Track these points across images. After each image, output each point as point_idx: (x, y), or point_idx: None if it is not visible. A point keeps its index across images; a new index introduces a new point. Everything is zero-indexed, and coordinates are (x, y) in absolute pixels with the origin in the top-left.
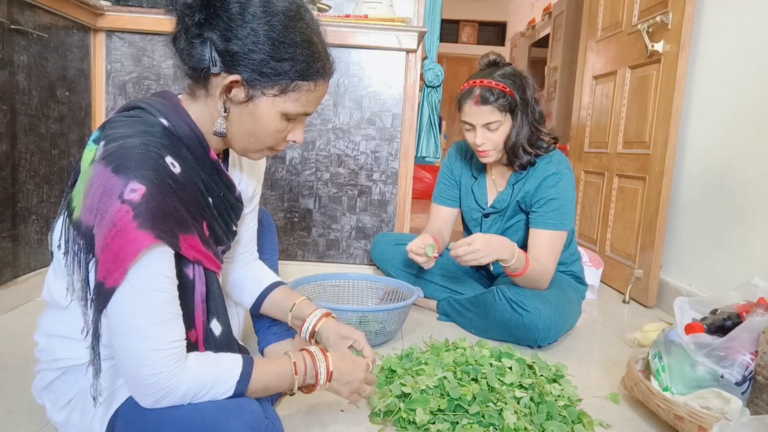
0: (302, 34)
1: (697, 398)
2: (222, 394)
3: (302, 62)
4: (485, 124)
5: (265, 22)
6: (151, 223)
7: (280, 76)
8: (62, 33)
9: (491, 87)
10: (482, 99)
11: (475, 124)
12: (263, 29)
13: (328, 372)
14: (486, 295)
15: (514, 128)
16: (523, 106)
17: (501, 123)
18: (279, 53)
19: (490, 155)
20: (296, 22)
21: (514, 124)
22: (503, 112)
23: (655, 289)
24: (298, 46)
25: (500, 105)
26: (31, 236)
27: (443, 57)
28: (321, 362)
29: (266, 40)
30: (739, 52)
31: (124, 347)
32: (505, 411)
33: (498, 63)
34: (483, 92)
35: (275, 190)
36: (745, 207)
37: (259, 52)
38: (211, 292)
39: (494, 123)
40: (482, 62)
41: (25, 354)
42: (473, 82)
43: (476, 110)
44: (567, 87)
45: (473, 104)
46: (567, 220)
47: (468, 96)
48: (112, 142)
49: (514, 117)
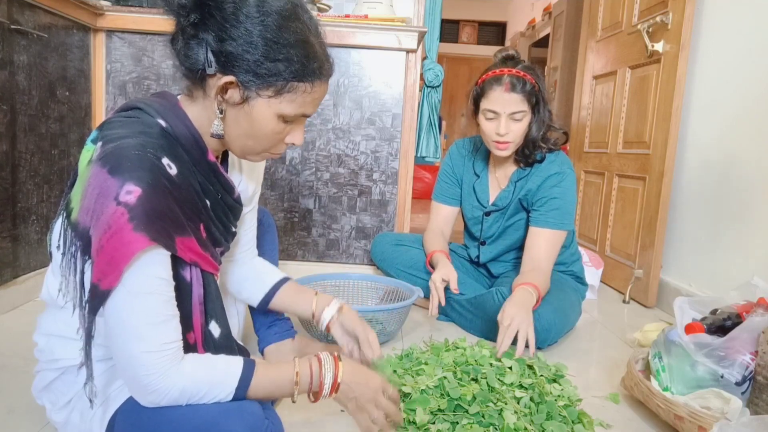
0: (298, 34)
1: (697, 398)
2: (221, 398)
3: (297, 63)
4: (512, 113)
5: (259, 22)
6: (147, 226)
7: (274, 77)
8: (62, 33)
9: (520, 76)
10: (512, 86)
11: (502, 112)
12: (257, 29)
13: (334, 383)
14: (486, 295)
15: (535, 122)
16: (543, 100)
17: (525, 114)
18: (273, 54)
19: (509, 147)
20: (292, 21)
21: (534, 118)
22: (529, 104)
23: (655, 289)
24: (293, 47)
25: (527, 95)
26: (31, 236)
27: (443, 57)
28: (329, 372)
29: (260, 40)
30: (739, 52)
31: (119, 348)
32: (505, 411)
33: (515, 58)
34: (513, 80)
35: (275, 190)
36: (745, 207)
37: (253, 53)
38: (208, 294)
39: (519, 113)
40: (499, 56)
41: (25, 354)
42: (500, 71)
43: (507, 97)
44: (567, 87)
45: (503, 91)
46: (567, 220)
47: (496, 82)
48: (108, 143)
49: (536, 110)
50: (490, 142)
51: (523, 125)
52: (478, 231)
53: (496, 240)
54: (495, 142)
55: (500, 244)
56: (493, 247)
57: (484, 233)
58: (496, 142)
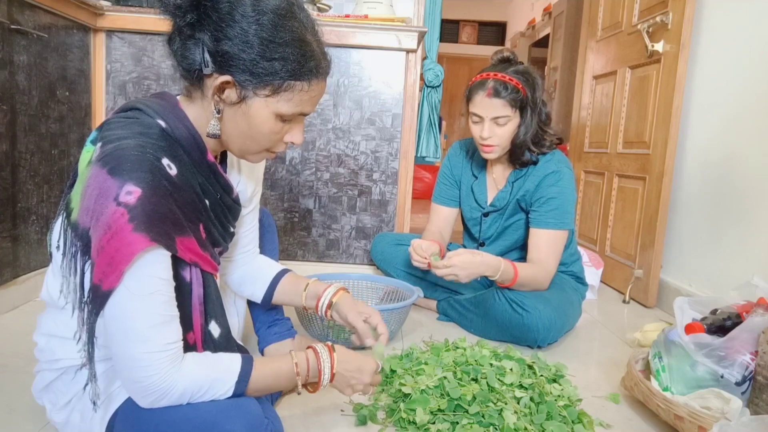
0: (294, 33)
1: (697, 398)
2: (221, 394)
3: (294, 62)
4: (494, 117)
5: (254, 21)
6: (147, 226)
7: (271, 76)
8: (62, 33)
9: (505, 81)
10: (495, 92)
11: (484, 116)
12: (253, 28)
13: (331, 373)
14: (486, 295)
15: (522, 126)
16: (532, 105)
17: (509, 119)
18: (269, 53)
19: (495, 151)
20: (288, 20)
21: (522, 122)
22: (513, 108)
23: (655, 289)
24: (289, 45)
25: (511, 100)
26: (31, 236)
27: (443, 57)
28: (326, 362)
29: (256, 39)
30: (739, 52)
31: (119, 349)
32: (505, 411)
33: (511, 60)
34: (496, 85)
35: (275, 190)
36: (745, 207)
37: (249, 52)
38: (208, 294)
39: (503, 118)
40: (495, 58)
41: (25, 354)
42: (487, 75)
43: (488, 102)
44: (567, 87)
45: (485, 96)
46: (567, 220)
47: (480, 87)
48: (108, 144)
49: (523, 115)
50: (478, 145)
51: (508, 129)
52: (477, 232)
53: (495, 240)
54: (481, 144)
55: (499, 244)
56: (492, 248)
57: (483, 234)
58: (482, 145)
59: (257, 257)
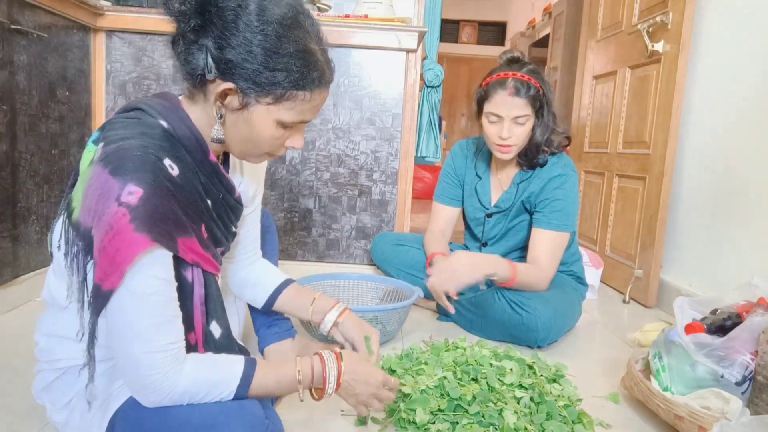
0: (298, 44)
1: (697, 398)
2: (223, 397)
3: (297, 72)
4: (515, 117)
5: (259, 32)
6: (148, 226)
7: (274, 86)
8: (62, 33)
9: (524, 80)
10: (516, 90)
11: (505, 116)
12: (257, 39)
13: (337, 382)
14: (486, 295)
15: (539, 126)
16: (548, 104)
17: (528, 118)
18: (273, 63)
19: (512, 151)
20: (293, 30)
21: (539, 122)
22: (532, 108)
23: (655, 289)
24: (293, 56)
25: (531, 99)
26: (31, 236)
27: (443, 57)
28: (332, 370)
29: (260, 50)
30: (739, 52)
31: (121, 349)
32: (505, 411)
33: (521, 60)
34: (517, 84)
35: (275, 190)
36: (745, 207)
37: (252, 62)
38: (209, 294)
39: (523, 117)
40: (503, 58)
41: (25, 354)
42: (505, 74)
43: (510, 101)
44: (567, 87)
45: (507, 95)
46: (570, 222)
47: (500, 86)
48: (110, 144)
49: (539, 114)
50: (493, 145)
51: (526, 129)
52: (480, 232)
53: (498, 241)
54: (498, 145)
55: (502, 245)
56: (495, 249)
57: (486, 235)
58: (499, 146)
59: (259, 261)
